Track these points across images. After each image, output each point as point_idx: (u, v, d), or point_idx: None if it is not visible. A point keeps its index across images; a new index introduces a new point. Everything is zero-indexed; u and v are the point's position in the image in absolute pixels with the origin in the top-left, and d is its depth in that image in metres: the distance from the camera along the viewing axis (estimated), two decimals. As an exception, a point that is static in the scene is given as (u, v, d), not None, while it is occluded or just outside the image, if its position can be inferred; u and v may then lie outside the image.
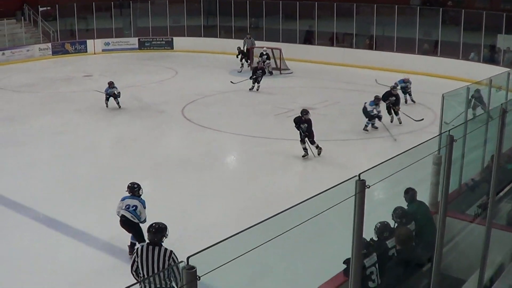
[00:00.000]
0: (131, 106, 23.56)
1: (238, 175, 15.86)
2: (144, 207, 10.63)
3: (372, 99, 19.06)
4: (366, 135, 18.46)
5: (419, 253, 7.80)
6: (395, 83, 21.41)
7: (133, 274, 7.90)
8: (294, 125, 16.35)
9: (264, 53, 30.58)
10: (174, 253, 7.89)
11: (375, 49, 33.15)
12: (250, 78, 25.62)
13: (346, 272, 7.11)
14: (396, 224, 8.20)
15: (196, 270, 3.15)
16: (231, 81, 26.45)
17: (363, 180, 4.59)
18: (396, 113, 20.04)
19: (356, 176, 4.65)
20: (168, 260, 7.81)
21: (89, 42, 39.23)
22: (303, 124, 16.21)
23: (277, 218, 3.99)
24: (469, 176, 10.56)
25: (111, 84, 22.54)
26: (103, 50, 39.56)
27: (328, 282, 7.22)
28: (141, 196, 10.79)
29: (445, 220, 6.17)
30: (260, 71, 25.83)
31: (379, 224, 7.81)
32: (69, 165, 16.38)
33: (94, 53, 39.14)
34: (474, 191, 10.45)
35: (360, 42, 34.35)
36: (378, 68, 31.22)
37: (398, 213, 8.33)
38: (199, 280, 3.17)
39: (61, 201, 13.56)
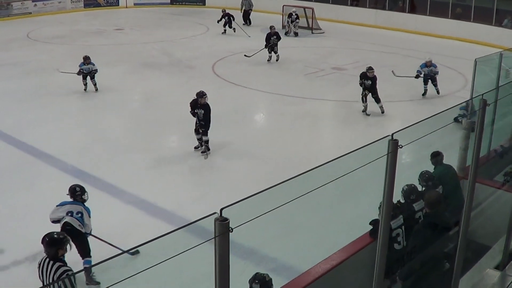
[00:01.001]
0: (162, 60, 23.66)
1: (266, 133, 15.86)
2: (89, 216, 8.83)
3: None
4: (394, 97, 18.22)
5: (447, 217, 7.80)
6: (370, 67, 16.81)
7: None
8: (190, 110, 13.64)
9: (294, 14, 30.16)
10: (69, 275, 6.62)
11: (408, 12, 32.66)
12: (266, 47, 23.29)
13: (372, 233, 7.15)
14: (423, 188, 8.20)
15: (229, 222, 3.18)
16: (244, 55, 24.05)
17: (395, 140, 4.57)
18: (378, 101, 16.68)
19: (389, 135, 4.63)
20: (57, 282, 6.53)
21: (121, -4, 39.21)
22: (199, 109, 13.45)
23: (307, 175, 4.01)
24: (498, 143, 10.50)
25: (86, 59, 18.55)
26: (135, 4, 39.49)
27: (355, 242, 7.25)
28: (86, 203, 9.02)
29: (475, 185, 6.15)
30: (275, 36, 23.16)
31: (406, 187, 7.81)
32: (97, 117, 16.55)
33: (126, 7, 39.12)
34: (503, 157, 10.40)
35: (393, 4, 33.88)
36: (410, 31, 30.93)
37: (425, 177, 8.33)
38: (231, 231, 3.19)
39: (89, 153, 13.72)
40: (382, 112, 16.73)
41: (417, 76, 18.31)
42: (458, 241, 6.28)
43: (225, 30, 30.13)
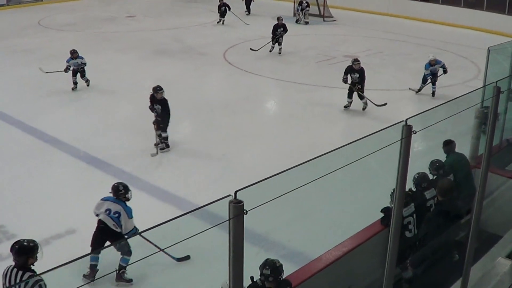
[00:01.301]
0: (173, 47, 23.65)
1: (277, 120, 15.88)
2: (130, 216, 8.40)
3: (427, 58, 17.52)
4: (407, 87, 18.13)
5: (459, 205, 7.80)
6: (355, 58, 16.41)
7: None
8: (149, 105, 13.25)
9: (304, 1, 29.99)
10: (41, 285, 5.97)
11: (421, 0, 32.43)
12: (272, 39, 22.59)
13: (383, 220, 7.16)
14: (434, 177, 8.20)
15: (243, 204, 3.19)
16: (250, 48, 23.10)
17: (409, 125, 4.55)
18: (361, 97, 16.02)
19: (402, 121, 4.61)
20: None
21: (134, -18, 39.04)
22: (157, 105, 13.04)
23: (319, 160, 4.01)
24: (510, 133, 10.48)
25: (74, 53, 17.25)
26: (146, -9, 39.42)
27: (366, 229, 7.26)
28: (128, 202, 8.60)
29: (487, 174, 6.12)
30: (282, 28, 22.44)
31: (417, 175, 7.83)
32: (109, 104, 16.61)
33: (138, -6, 39.09)
34: (514, 147, 10.40)
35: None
36: (423, 20, 30.74)
37: (435, 165, 8.34)
38: (245, 214, 3.19)
39: (102, 139, 13.77)
40: (364, 109, 16.04)
41: (427, 81, 17.40)
42: (469, 230, 6.27)
43: (220, 20, 29.83)
